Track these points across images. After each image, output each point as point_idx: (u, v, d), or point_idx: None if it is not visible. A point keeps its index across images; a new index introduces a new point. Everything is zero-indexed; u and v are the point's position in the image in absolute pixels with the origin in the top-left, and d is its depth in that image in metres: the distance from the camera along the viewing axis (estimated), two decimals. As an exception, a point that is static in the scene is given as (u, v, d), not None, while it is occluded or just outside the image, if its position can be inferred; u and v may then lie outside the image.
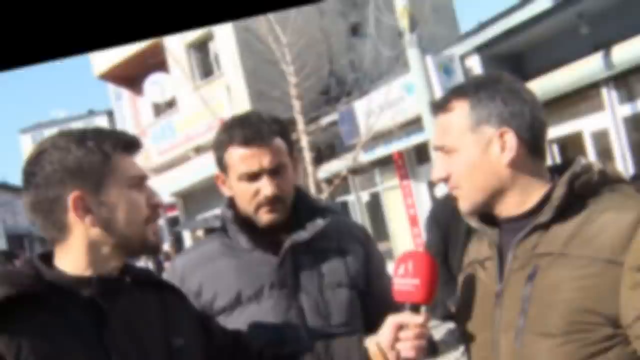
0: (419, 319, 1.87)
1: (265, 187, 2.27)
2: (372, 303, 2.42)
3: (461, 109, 1.79)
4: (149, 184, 1.87)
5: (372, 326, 2.25)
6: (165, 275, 2.39)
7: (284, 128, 2.40)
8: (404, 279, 1.86)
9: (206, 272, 2.37)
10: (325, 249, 2.40)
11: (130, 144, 1.82)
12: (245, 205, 2.33)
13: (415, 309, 1.88)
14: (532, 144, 1.78)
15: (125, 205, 1.75)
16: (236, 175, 2.31)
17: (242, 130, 2.28)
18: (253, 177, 2.28)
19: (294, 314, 2.30)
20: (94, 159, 1.71)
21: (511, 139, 1.75)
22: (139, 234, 1.78)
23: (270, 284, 2.31)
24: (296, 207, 2.41)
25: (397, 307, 1.98)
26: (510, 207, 1.82)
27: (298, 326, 2.29)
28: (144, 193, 1.81)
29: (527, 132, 1.77)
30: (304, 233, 2.34)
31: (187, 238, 24.72)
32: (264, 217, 2.31)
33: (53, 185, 1.69)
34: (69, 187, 1.69)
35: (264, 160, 2.26)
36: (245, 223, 2.37)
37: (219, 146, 2.36)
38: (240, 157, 2.28)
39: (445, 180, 1.85)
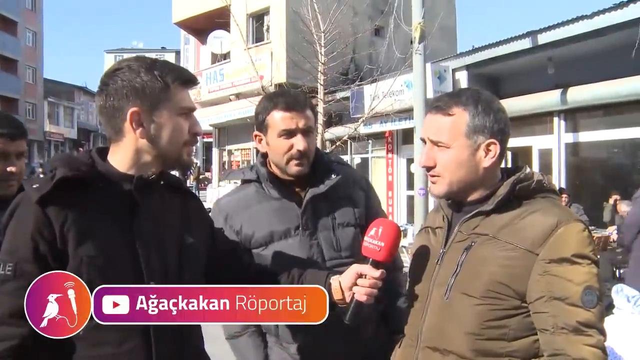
0: (376, 273, 1.83)
1: (298, 142, 2.30)
2: None
3: (461, 116, 1.77)
4: (195, 116, 1.82)
5: None
6: (212, 214, 2.39)
7: (312, 104, 2.45)
8: (372, 239, 1.83)
9: (246, 215, 2.39)
10: (337, 197, 2.42)
11: (189, 80, 1.77)
12: (279, 158, 2.35)
13: (376, 265, 1.84)
14: (502, 153, 1.79)
15: (171, 128, 1.72)
16: (276, 132, 2.33)
17: (285, 98, 2.34)
18: (290, 134, 2.31)
19: (315, 249, 2.33)
20: (156, 85, 1.68)
21: (495, 149, 1.76)
22: (176, 153, 1.75)
23: (296, 226, 2.34)
24: (315, 164, 2.41)
25: None
26: (471, 197, 1.83)
27: (318, 258, 2.32)
28: (189, 121, 1.77)
29: (503, 144, 1.78)
30: (322, 186, 2.37)
31: (215, 161, 25.14)
32: (293, 169, 2.34)
33: (119, 97, 1.66)
34: (131, 102, 1.66)
35: (300, 122, 2.31)
36: (275, 178, 2.41)
37: (263, 110, 2.37)
38: (282, 118, 2.31)
39: (430, 168, 1.83)
